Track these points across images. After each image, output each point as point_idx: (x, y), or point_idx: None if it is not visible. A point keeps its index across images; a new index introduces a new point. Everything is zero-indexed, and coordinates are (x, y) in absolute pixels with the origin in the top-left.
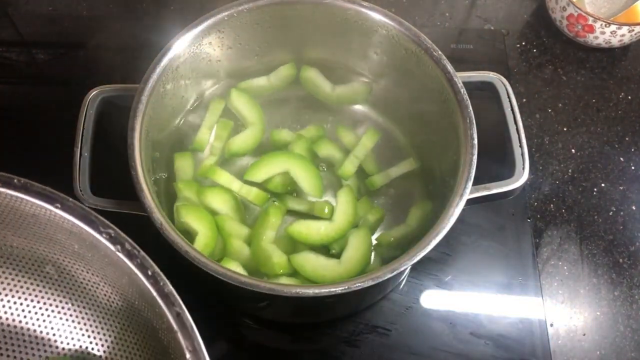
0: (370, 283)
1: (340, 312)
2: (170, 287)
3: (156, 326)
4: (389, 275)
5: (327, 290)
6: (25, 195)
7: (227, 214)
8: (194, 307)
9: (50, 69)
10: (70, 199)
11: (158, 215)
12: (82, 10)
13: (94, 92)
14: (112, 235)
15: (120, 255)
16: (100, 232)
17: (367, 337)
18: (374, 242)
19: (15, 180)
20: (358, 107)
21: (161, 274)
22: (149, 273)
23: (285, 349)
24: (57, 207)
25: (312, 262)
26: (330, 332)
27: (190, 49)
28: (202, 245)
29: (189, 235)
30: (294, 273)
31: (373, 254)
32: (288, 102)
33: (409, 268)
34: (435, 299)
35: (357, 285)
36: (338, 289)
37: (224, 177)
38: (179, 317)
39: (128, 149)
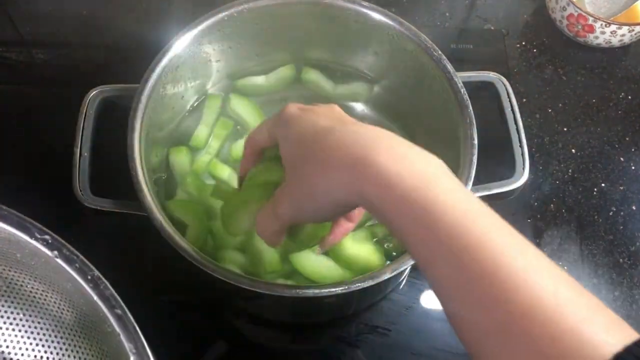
0: (370, 283)
1: (340, 312)
2: (111, 289)
3: (104, 330)
4: (389, 275)
5: (327, 290)
6: None
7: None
8: (194, 306)
9: (50, 69)
10: (4, 207)
11: (158, 215)
12: (82, 10)
13: (94, 92)
14: (49, 241)
15: (59, 260)
16: (36, 239)
17: (367, 337)
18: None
19: None
20: (358, 107)
21: (101, 277)
22: (89, 277)
23: (285, 349)
24: None
25: (312, 262)
26: (330, 332)
27: (190, 49)
28: (192, 237)
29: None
30: (288, 274)
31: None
32: (286, 103)
33: (409, 268)
34: (435, 299)
35: (357, 285)
36: (338, 289)
37: (226, 172)
38: (120, 319)
39: (128, 149)
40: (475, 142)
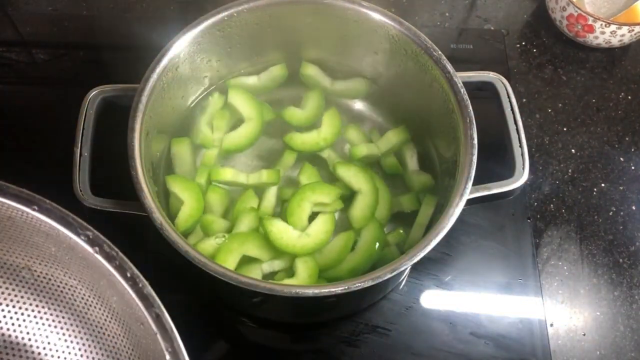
0: (370, 283)
1: (340, 312)
2: (150, 288)
3: (135, 328)
4: (389, 276)
5: (327, 290)
6: (2, 198)
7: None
8: (194, 307)
9: (50, 69)
10: (48, 201)
11: (158, 215)
12: (82, 10)
13: (94, 92)
14: (90, 237)
15: (99, 257)
16: (78, 234)
17: (367, 337)
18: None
19: None
20: (357, 108)
21: (140, 275)
22: (128, 275)
23: (285, 349)
24: (34, 210)
25: (280, 228)
26: (330, 332)
27: (190, 49)
28: (186, 214)
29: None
30: (289, 273)
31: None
32: (281, 104)
33: (409, 268)
34: (435, 299)
35: (357, 285)
36: (338, 289)
37: (229, 174)
38: (158, 318)
39: (128, 149)
40: (475, 142)
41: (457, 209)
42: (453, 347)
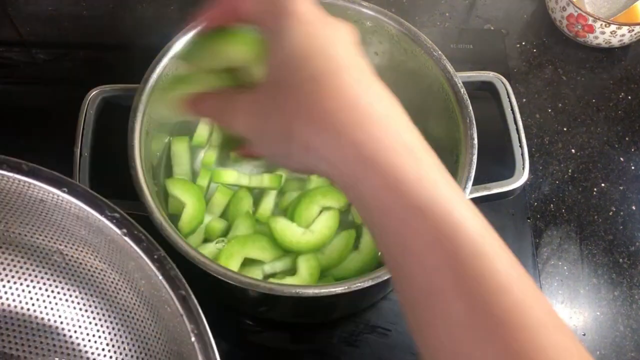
0: (370, 283)
1: (340, 312)
2: (177, 270)
3: (162, 311)
4: (389, 275)
5: (327, 290)
6: (34, 180)
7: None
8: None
9: (50, 69)
10: (77, 183)
11: (158, 215)
12: (82, 10)
13: (94, 92)
14: (118, 219)
15: (127, 239)
16: (106, 216)
17: (367, 337)
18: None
19: (24, 165)
20: None
21: (167, 257)
22: (155, 257)
23: (285, 349)
24: (64, 192)
25: (284, 225)
26: (330, 332)
27: None
28: (189, 216)
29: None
30: (290, 271)
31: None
32: None
33: None
34: None
35: (357, 285)
36: (338, 289)
37: (233, 177)
38: (184, 300)
39: (128, 149)
40: (475, 142)
41: None
42: None
